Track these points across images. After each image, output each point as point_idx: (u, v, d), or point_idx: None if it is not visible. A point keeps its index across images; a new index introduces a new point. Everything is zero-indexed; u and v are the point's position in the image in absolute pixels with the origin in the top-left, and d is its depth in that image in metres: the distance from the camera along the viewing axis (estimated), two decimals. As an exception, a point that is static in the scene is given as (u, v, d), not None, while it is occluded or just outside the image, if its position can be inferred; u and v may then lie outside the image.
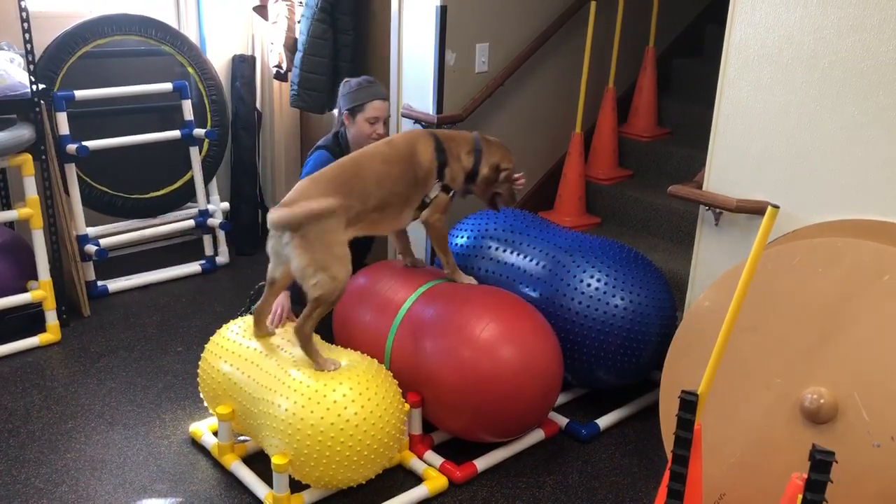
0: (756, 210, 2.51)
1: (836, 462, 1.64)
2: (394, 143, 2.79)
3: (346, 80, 3.13)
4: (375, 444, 2.34)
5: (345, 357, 2.49)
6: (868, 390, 1.99)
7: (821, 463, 1.64)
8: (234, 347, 2.63)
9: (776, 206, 1.88)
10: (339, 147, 3.10)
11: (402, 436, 2.48)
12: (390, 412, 2.39)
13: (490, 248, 3.14)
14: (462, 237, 3.27)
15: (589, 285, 2.84)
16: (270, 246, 2.55)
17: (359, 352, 2.60)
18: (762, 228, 1.90)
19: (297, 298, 3.47)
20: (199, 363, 2.74)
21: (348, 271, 2.50)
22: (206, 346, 2.75)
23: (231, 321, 2.81)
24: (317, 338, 2.56)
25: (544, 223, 3.24)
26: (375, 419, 2.33)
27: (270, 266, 2.59)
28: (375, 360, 2.54)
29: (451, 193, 2.89)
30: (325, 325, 3.03)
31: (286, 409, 2.32)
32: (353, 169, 2.64)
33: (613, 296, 2.81)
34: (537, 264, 2.99)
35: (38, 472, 2.64)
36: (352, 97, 3.05)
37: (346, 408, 2.29)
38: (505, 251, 3.10)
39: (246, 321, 2.74)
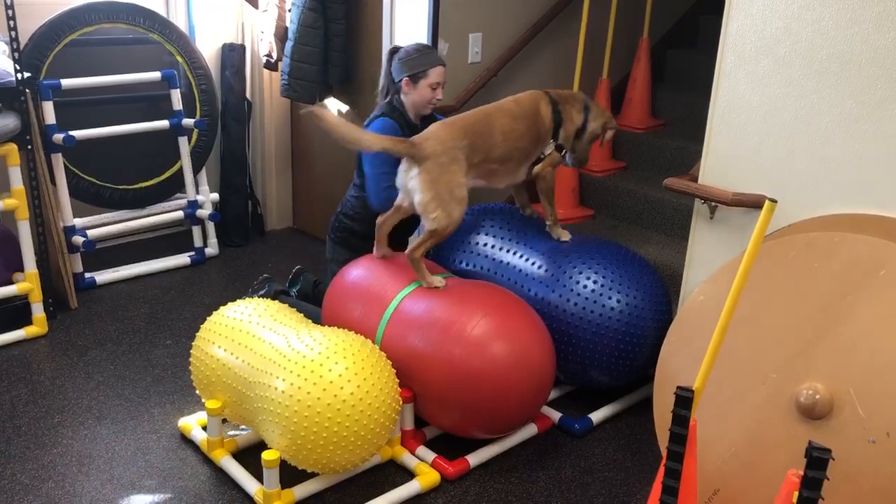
0: (752, 204, 2.49)
1: (833, 459, 1.63)
2: (520, 100, 2.97)
3: (396, 48, 3.13)
4: (372, 424, 2.34)
5: (337, 336, 2.45)
6: (864, 386, 1.97)
7: (817, 460, 1.62)
8: (227, 332, 2.60)
9: (774, 201, 1.86)
10: (397, 113, 3.11)
11: (397, 414, 2.46)
12: (385, 391, 2.38)
13: (485, 245, 3.11)
14: (456, 234, 3.24)
15: (584, 286, 2.82)
16: (399, 179, 2.79)
17: (352, 331, 2.58)
18: (759, 223, 1.88)
19: (311, 298, 3.47)
20: (192, 350, 2.70)
21: (463, 211, 2.75)
22: (197, 333, 2.71)
23: (222, 306, 2.77)
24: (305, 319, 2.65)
25: (537, 220, 3.22)
26: (371, 399, 2.33)
27: (399, 196, 2.83)
28: (369, 340, 2.52)
29: (562, 151, 3.07)
30: (314, 317, 3.01)
31: (282, 391, 2.30)
32: (484, 120, 2.86)
33: (609, 297, 2.79)
34: (532, 263, 2.97)
35: (23, 467, 2.60)
36: (412, 63, 3.06)
37: (342, 387, 2.28)
38: (500, 249, 3.08)
39: (238, 304, 2.71)
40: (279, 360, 2.39)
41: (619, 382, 2.93)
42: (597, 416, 2.93)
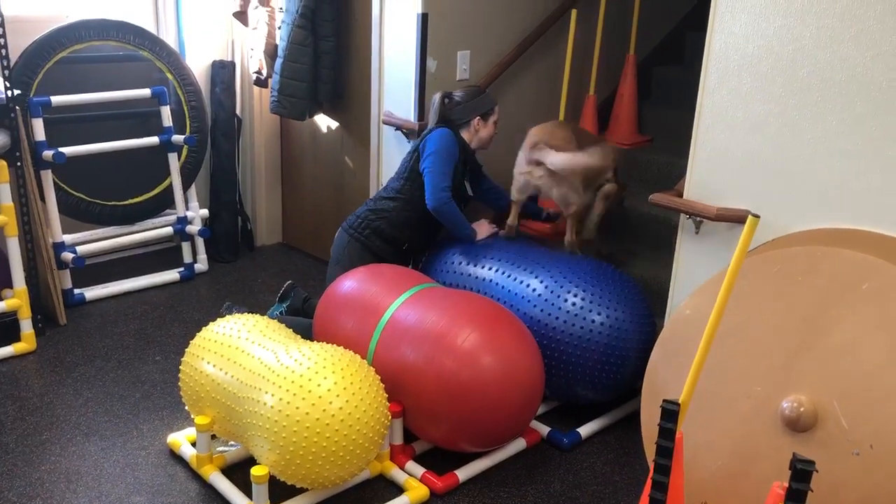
0: (736, 219, 2.52)
1: (817, 471, 1.65)
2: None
3: (449, 93, 3.37)
4: (360, 439, 2.34)
5: (326, 351, 2.46)
6: (847, 398, 2.00)
7: (801, 472, 1.64)
8: (216, 348, 2.60)
9: (756, 216, 1.89)
10: (458, 138, 3.36)
11: (386, 430, 2.46)
12: (374, 406, 2.38)
13: (468, 264, 3.14)
14: (443, 253, 3.27)
15: (569, 302, 2.84)
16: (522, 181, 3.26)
17: (341, 346, 2.58)
18: (742, 238, 1.90)
19: (300, 314, 3.49)
20: (181, 367, 2.70)
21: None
22: (187, 349, 2.71)
23: (211, 322, 2.77)
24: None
25: (523, 239, 3.26)
26: (360, 413, 2.33)
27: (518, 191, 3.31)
28: (358, 355, 2.52)
29: None
30: (305, 330, 3.02)
31: (271, 406, 2.30)
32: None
33: (593, 313, 2.82)
34: (516, 281, 3.00)
35: (11, 484, 2.59)
36: (481, 102, 3.38)
37: (331, 402, 2.29)
38: (483, 268, 3.11)
39: (227, 319, 2.70)
40: (268, 375, 2.39)
41: (604, 398, 2.95)
42: (585, 430, 2.95)
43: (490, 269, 3.11)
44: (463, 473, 2.67)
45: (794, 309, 2.11)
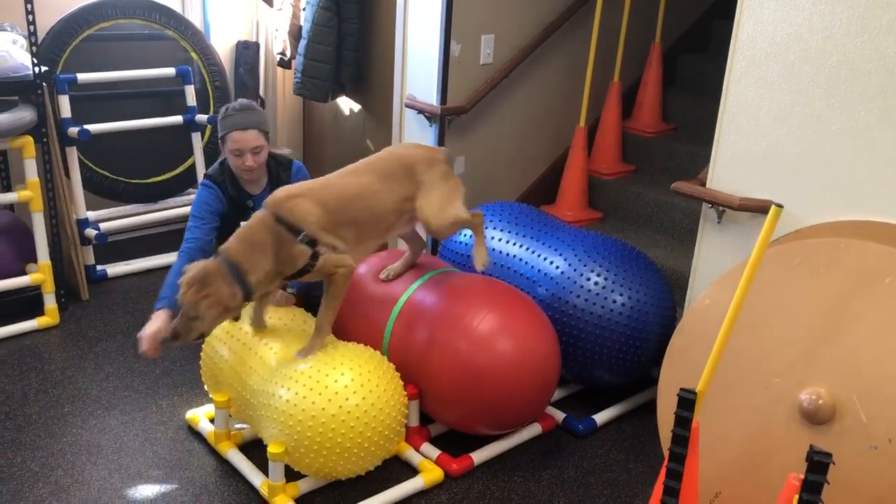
0: (759, 209, 2.50)
1: (834, 463, 1.64)
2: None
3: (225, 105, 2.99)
4: (375, 437, 2.34)
5: (345, 347, 2.48)
6: (867, 392, 1.98)
7: (818, 464, 1.64)
8: (236, 333, 2.62)
9: (780, 206, 1.87)
10: (222, 176, 2.95)
11: (402, 428, 2.47)
12: (391, 404, 2.38)
13: (492, 238, 3.13)
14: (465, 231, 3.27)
15: (592, 281, 2.83)
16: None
17: (361, 343, 2.60)
18: (765, 228, 1.89)
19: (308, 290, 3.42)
20: (202, 346, 2.73)
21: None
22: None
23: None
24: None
25: (546, 218, 3.23)
26: (376, 411, 2.32)
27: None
28: (378, 352, 2.53)
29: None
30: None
31: (287, 400, 2.30)
32: None
33: (612, 291, 2.81)
34: (540, 257, 2.99)
35: (33, 455, 2.64)
36: (220, 125, 2.92)
37: (347, 399, 2.29)
38: (507, 243, 3.10)
39: (248, 305, 2.73)
40: (284, 369, 2.39)
41: (622, 380, 2.95)
42: (600, 417, 2.95)
43: (514, 244, 3.09)
44: (478, 456, 2.68)
45: (815, 301, 2.09)
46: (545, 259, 2.97)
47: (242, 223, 2.63)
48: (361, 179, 2.59)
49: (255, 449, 2.67)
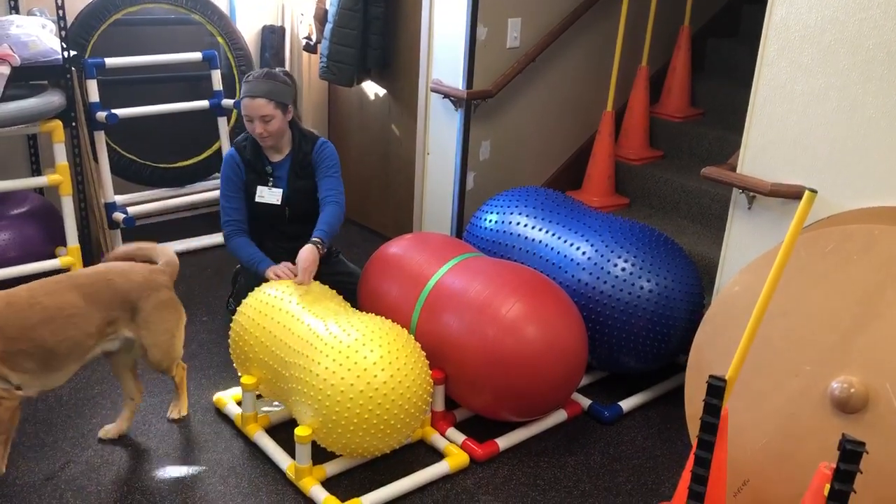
0: (790, 194, 2.46)
1: (867, 452, 1.62)
2: None
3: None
4: (402, 414, 2.36)
5: (374, 323, 2.49)
6: (901, 381, 1.95)
7: (851, 453, 1.61)
8: (267, 310, 2.64)
9: (814, 191, 1.84)
10: (245, 141, 3.12)
11: (427, 406, 2.48)
12: (418, 382, 2.40)
13: (518, 224, 3.12)
14: (491, 214, 3.25)
15: (619, 267, 2.81)
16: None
17: (388, 318, 2.60)
18: (798, 213, 1.86)
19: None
20: (231, 325, 2.75)
21: None
22: (238, 307, 2.76)
23: (264, 283, 2.82)
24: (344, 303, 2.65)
25: (572, 203, 3.21)
26: (404, 388, 2.35)
27: None
28: (405, 329, 2.54)
29: None
30: (350, 296, 3.04)
31: (317, 374, 2.33)
32: None
33: (640, 277, 2.79)
34: (566, 243, 2.97)
35: (64, 434, 2.67)
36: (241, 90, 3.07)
37: (376, 375, 2.31)
38: (534, 228, 3.08)
39: (279, 283, 2.75)
40: (316, 343, 2.41)
41: (649, 367, 2.93)
42: (627, 403, 2.93)
43: (541, 230, 3.08)
44: (503, 442, 2.68)
45: (848, 288, 2.06)
46: (572, 245, 2.95)
47: (261, 187, 3.09)
48: (59, 300, 2.35)
49: (281, 432, 2.69)
